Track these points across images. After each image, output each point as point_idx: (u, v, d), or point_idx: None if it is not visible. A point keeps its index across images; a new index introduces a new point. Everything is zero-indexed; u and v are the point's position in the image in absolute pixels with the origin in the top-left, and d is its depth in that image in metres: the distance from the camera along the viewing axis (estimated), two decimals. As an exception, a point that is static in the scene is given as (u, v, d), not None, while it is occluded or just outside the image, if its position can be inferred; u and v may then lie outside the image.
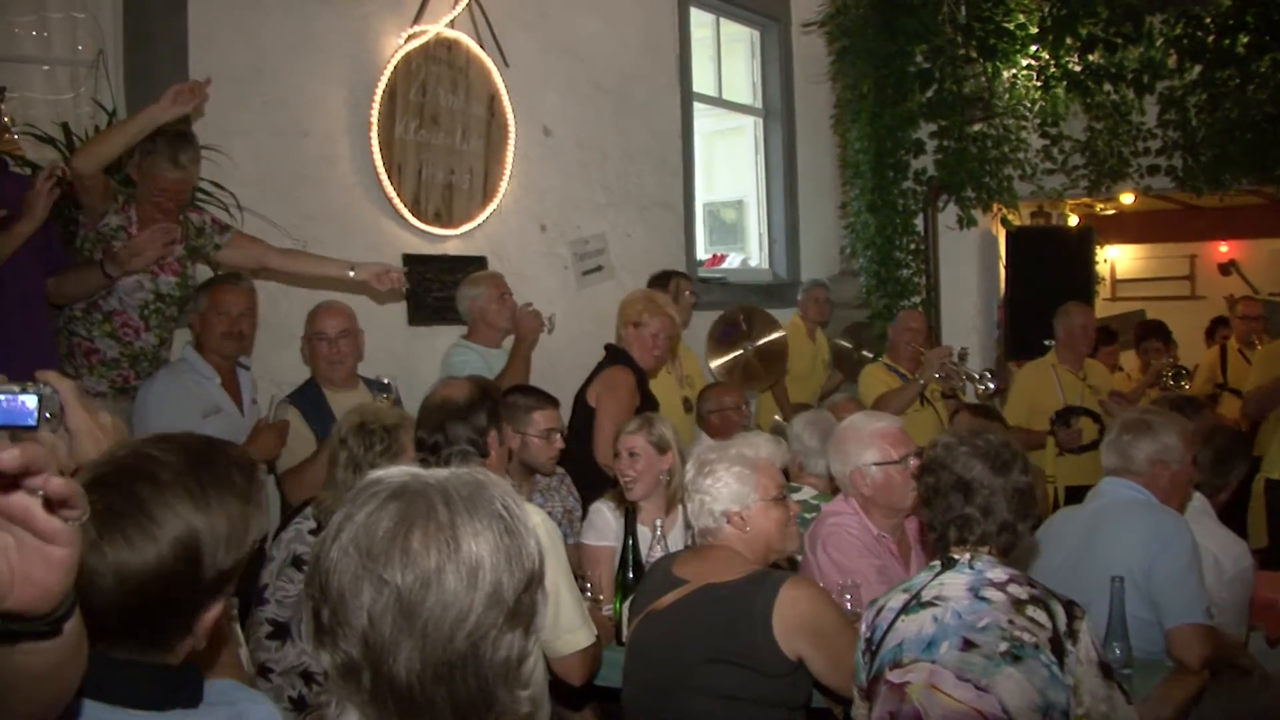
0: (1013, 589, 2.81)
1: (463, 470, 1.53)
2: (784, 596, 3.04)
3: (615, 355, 5.57)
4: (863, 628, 3.02)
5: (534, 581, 1.46)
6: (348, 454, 3.77)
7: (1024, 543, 3.12)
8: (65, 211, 4.82)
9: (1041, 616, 2.74)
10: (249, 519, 1.71)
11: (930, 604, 2.86)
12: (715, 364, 7.42)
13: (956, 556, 2.92)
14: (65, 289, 4.53)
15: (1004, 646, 2.70)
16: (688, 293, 6.87)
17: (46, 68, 5.56)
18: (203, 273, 5.00)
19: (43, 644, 1.22)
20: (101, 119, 5.20)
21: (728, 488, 3.27)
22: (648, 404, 5.45)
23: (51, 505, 1.09)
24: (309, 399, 4.94)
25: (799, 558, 4.11)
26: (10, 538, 1.09)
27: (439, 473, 1.51)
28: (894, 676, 2.84)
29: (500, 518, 1.45)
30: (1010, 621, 2.73)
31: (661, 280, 6.73)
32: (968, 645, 2.73)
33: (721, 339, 7.67)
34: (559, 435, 4.72)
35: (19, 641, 1.20)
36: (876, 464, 3.96)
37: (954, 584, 2.87)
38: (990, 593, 2.81)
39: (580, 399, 5.48)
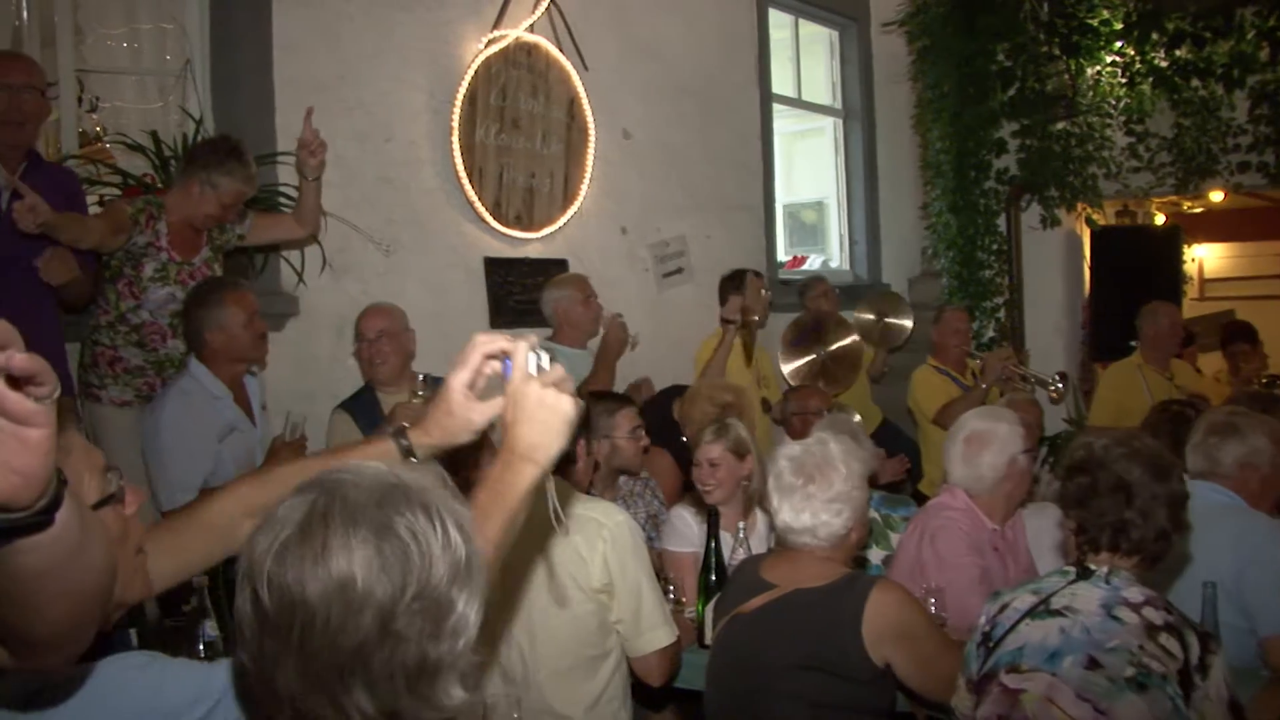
0: (1148, 612, 2.65)
1: (387, 474, 1.47)
2: (873, 601, 2.99)
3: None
4: (981, 619, 2.92)
5: (432, 587, 1.40)
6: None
7: (1174, 554, 2.99)
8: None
9: (1174, 646, 2.59)
10: None
11: (1059, 613, 2.73)
12: (787, 368, 7.34)
13: (1093, 567, 2.78)
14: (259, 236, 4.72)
15: (1130, 672, 2.56)
16: (763, 290, 6.77)
17: (136, 78, 5.62)
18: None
19: (38, 538, 1.17)
20: (189, 126, 5.24)
21: (846, 512, 3.17)
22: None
23: (17, 383, 1.04)
24: (364, 401, 4.88)
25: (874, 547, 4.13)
26: None
27: (358, 474, 1.46)
28: (1009, 680, 2.73)
29: (386, 528, 1.39)
30: (1141, 647, 2.58)
31: (735, 279, 6.63)
32: (1093, 664, 2.61)
33: (795, 343, 7.57)
34: (642, 432, 4.68)
35: (10, 539, 1.16)
36: (1025, 452, 3.92)
37: (1087, 597, 2.73)
38: (1124, 613, 2.66)
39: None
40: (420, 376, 4.70)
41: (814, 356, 7.29)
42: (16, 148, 4.20)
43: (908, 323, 8.08)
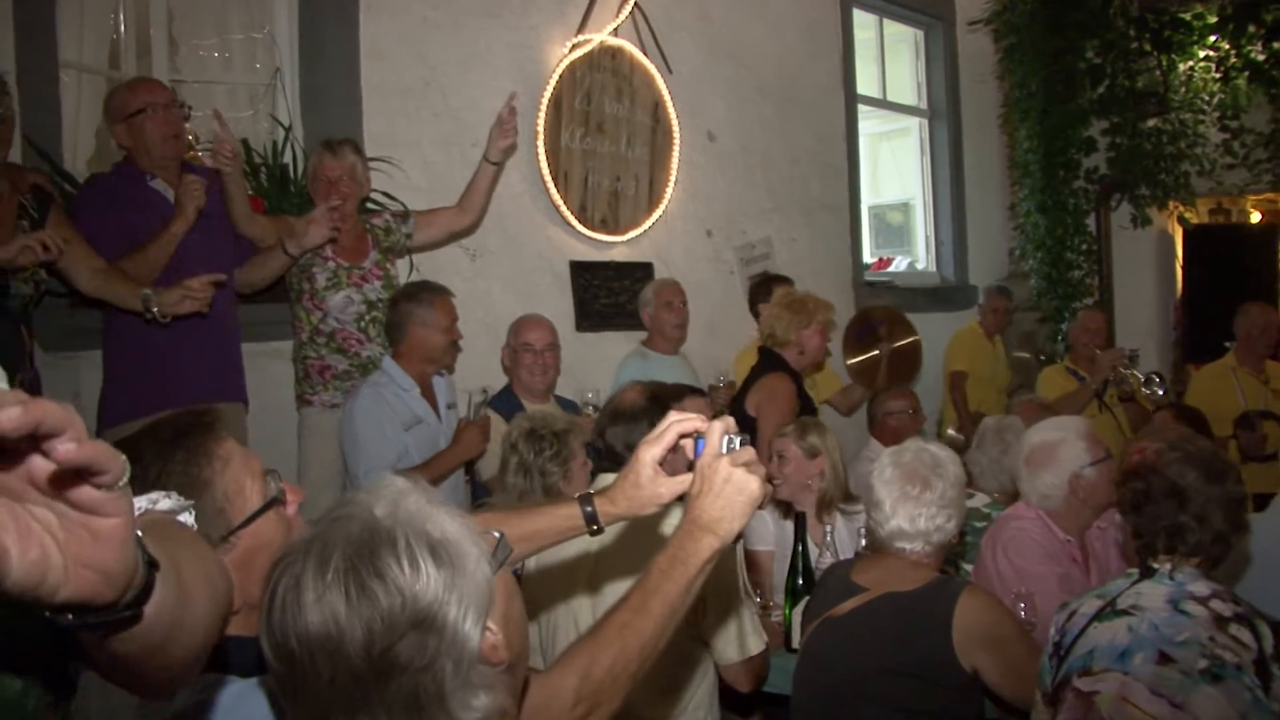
0: (1215, 604, 2.58)
1: (368, 511, 1.46)
2: (962, 605, 2.94)
3: (772, 361, 5.38)
4: (1051, 630, 2.85)
5: (408, 619, 1.39)
6: (518, 459, 3.81)
7: (1235, 555, 2.89)
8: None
9: (1246, 636, 2.51)
10: None
11: (1125, 613, 2.66)
12: (850, 362, 7.22)
13: (1156, 566, 2.71)
14: (251, 277, 4.61)
15: (1203, 664, 2.48)
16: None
17: (227, 87, 5.66)
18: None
19: (130, 631, 1.08)
20: (278, 134, 5.25)
21: (956, 516, 3.15)
22: (806, 407, 5.28)
23: (78, 475, 0.92)
24: (508, 406, 4.92)
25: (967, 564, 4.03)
26: (51, 515, 0.93)
27: (346, 515, 1.47)
28: (1082, 684, 2.65)
29: (352, 573, 1.39)
30: (1211, 639, 2.51)
31: (764, 287, 6.53)
32: (1164, 659, 2.53)
33: (858, 339, 7.45)
34: None
35: (99, 634, 1.06)
36: (1092, 464, 3.78)
37: (1152, 594, 2.66)
38: (1191, 606, 2.58)
39: (739, 407, 5.30)
40: (589, 393, 4.97)
41: (876, 352, 7.17)
42: (178, 160, 4.34)
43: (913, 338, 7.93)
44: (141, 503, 1.46)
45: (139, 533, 1.04)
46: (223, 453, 1.87)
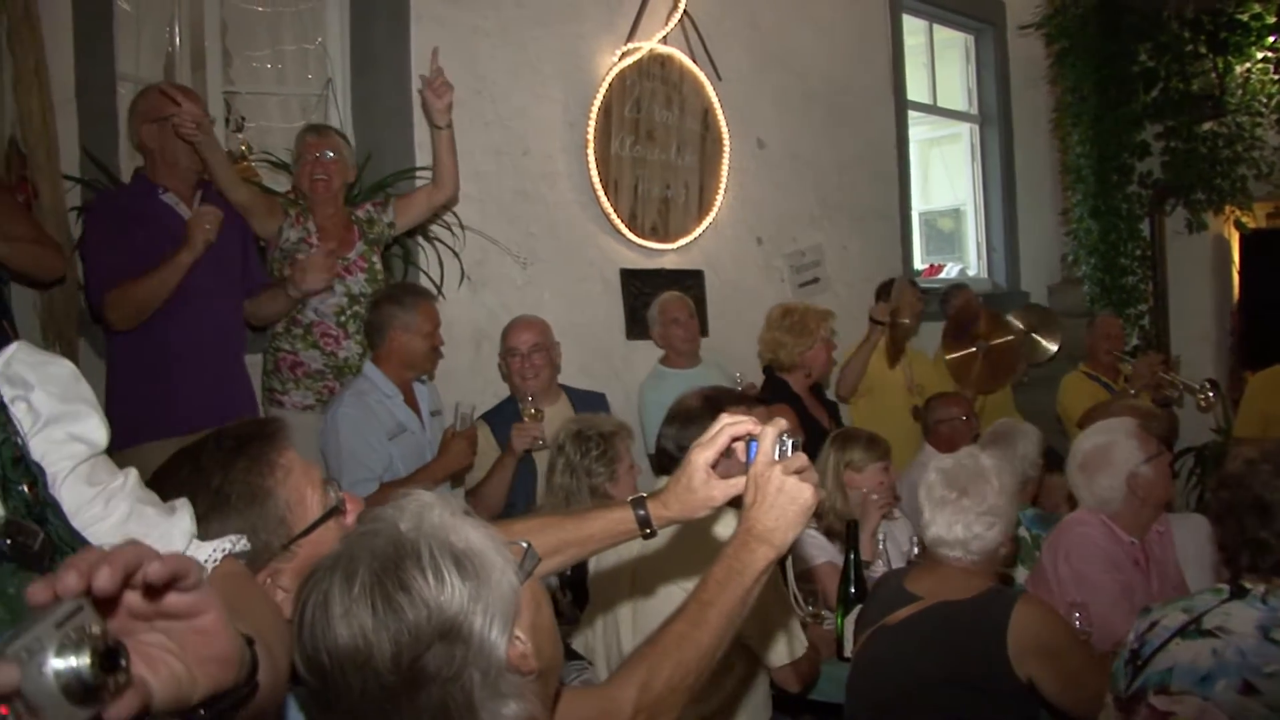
0: None
1: (393, 525, 1.48)
2: (1017, 615, 2.89)
3: (774, 388, 5.33)
4: (1130, 636, 2.75)
5: (435, 630, 1.41)
6: (565, 460, 3.80)
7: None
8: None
9: None
10: None
11: (1211, 634, 2.53)
12: (949, 358, 7.15)
13: (1249, 586, 2.57)
14: (259, 311, 4.52)
15: None
16: (916, 297, 6.63)
17: (280, 98, 5.70)
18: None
19: (250, 703, 1.17)
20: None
21: (999, 525, 3.09)
22: (814, 432, 5.21)
23: (163, 589, 0.99)
24: (505, 415, 4.80)
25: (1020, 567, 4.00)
26: (159, 635, 1.01)
27: (371, 529, 1.49)
28: (1158, 702, 2.55)
29: (377, 587, 1.42)
30: None
31: (886, 286, 6.51)
32: (1249, 689, 2.40)
33: (956, 335, 7.35)
34: None
35: (234, 715, 1.13)
36: (1146, 461, 3.72)
37: (1242, 617, 2.52)
38: None
39: None
40: (529, 396, 4.71)
41: (974, 349, 7.10)
42: (196, 173, 4.29)
43: (1052, 347, 7.77)
44: (202, 555, 1.53)
45: None
46: (284, 462, 1.89)
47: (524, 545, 1.56)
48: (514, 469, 4.51)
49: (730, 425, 1.96)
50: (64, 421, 1.37)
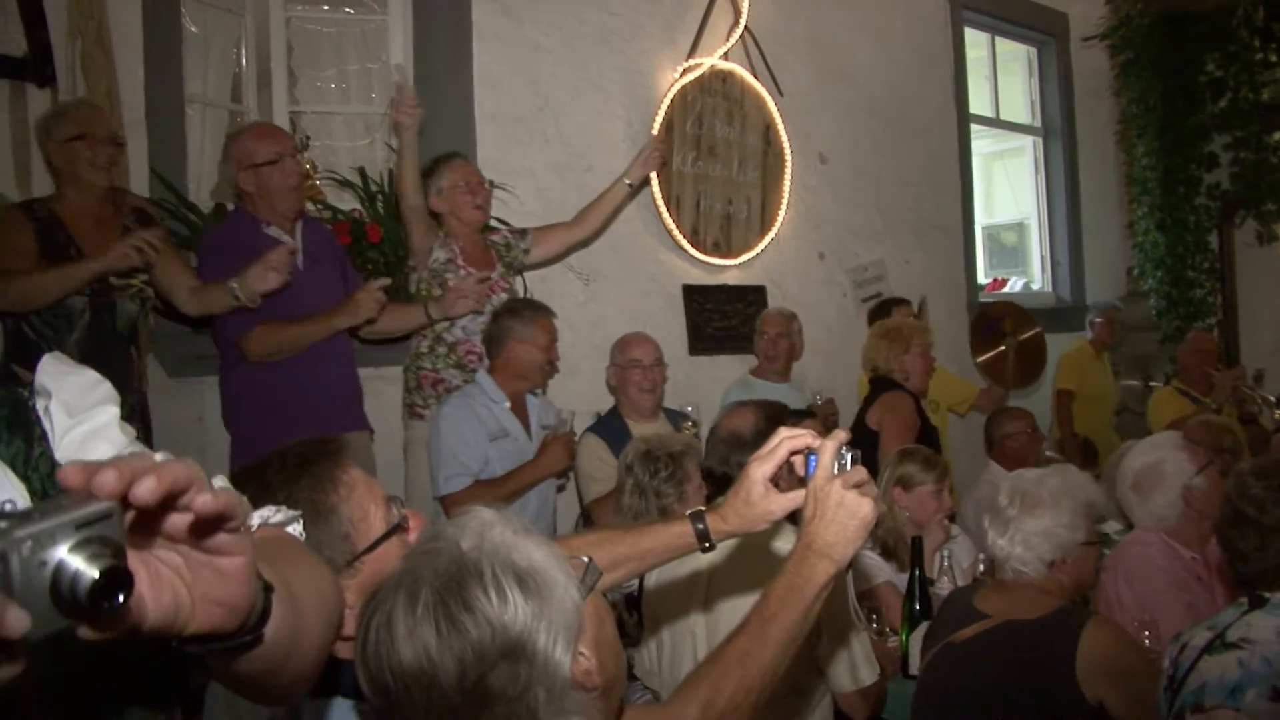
0: None
1: (453, 544, 1.48)
2: (1087, 636, 2.81)
3: (888, 382, 5.30)
4: (1165, 663, 2.73)
5: (500, 648, 1.41)
6: (634, 480, 3.76)
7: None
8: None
9: None
10: None
11: (1235, 646, 2.52)
12: (979, 360, 7.05)
13: (1267, 595, 2.57)
14: (386, 326, 4.59)
15: None
16: (912, 317, 6.54)
17: (344, 117, 5.73)
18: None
19: (252, 653, 1.11)
20: (394, 162, 5.28)
21: (1059, 534, 3.01)
22: (926, 432, 5.17)
23: (209, 522, 0.95)
24: (613, 428, 4.87)
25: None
26: (177, 557, 0.96)
27: (433, 550, 1.49)
28: (1196, 720, 2.51)
29: (441, 606, 1.42)
30: None
31: (882, 310, 6.49)
32: (1277, 695, 2.38)
33: (983, 336, 7.28)
34: None
35: (222, 659, 1.10)
36: (1198, 473, 3.67)
37: (1263, 625, 2.52)
38: None
39: (860, 423, 5.22)
40: (688, 407, 4.90)
41: (1003, 348, 7.01)
42: (295, 207, 4.35)
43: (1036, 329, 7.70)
44: (253, 519, 1.48)
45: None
46: (347, 479, 1.91)
47: (585, 560, 1.55)
48: None
49: (789, 438, 1.94)
50: (83, 422, 1.36)
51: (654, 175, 5.95)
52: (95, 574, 0.80)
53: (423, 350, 4.71)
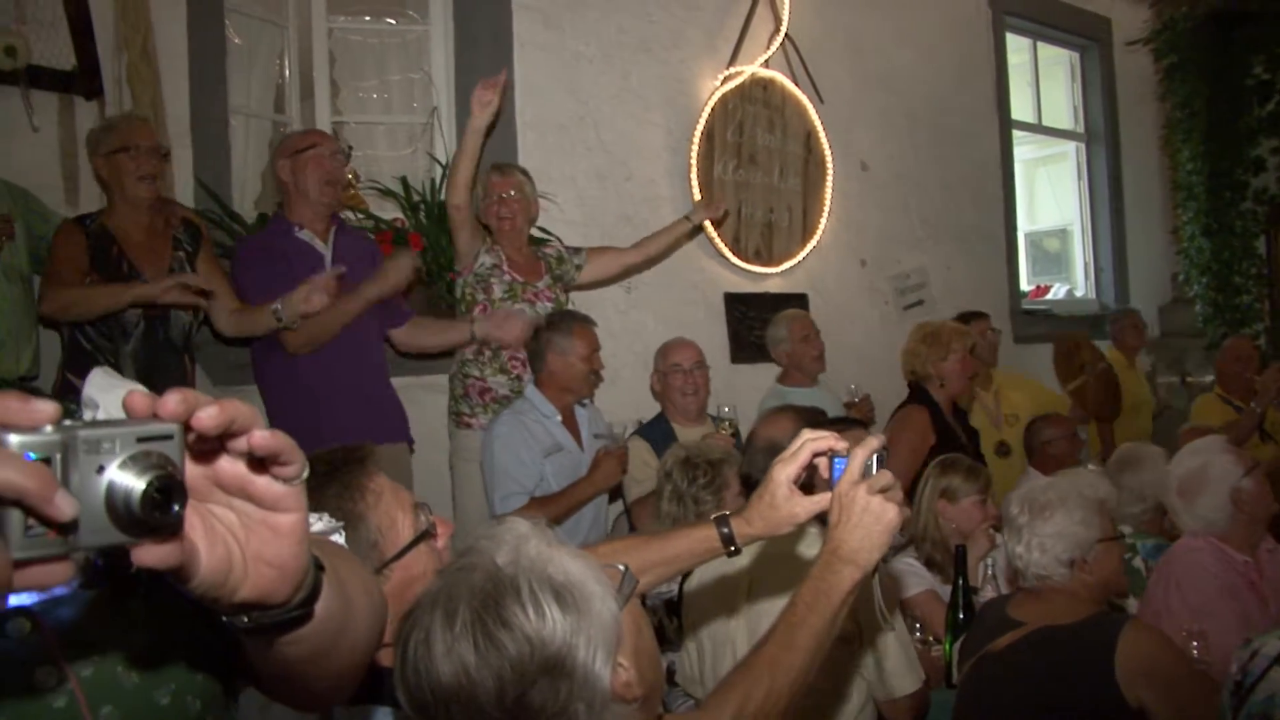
0: None
1: (489, 559, 1.48)
2: (1126, 639, 2.76)
3: (915, 394, 5.25)
4: (1233, 667, 2.64)
5: (540, 662, 1.41)
6: (672, 487, 3.74)
7: None
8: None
9: None
10: None
11: None
12: (1068, 389, 6.97)
13: None
14: (422, 340, 4.64)
15: None
16: (990, 331, 6.48)
17: (387, 127, 5.76)
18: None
19: (300, 631, 1.09)
20: (436, 171, 5.30)
21: (1072, 533, 2.97)
22: (950, 441, 5.10)
23: (263, 465, 0.94)
24: (660, 432, 4.87)
25: (1131, 599, 3.82)
26: (232, 514, 0.96)
27: (468, 564, 1.49)
28: (1263, 732, 2.44)
29: (478, 623, 1.42)
30: None
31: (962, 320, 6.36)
32: None
33: (1067, 364, 7.18)
34: None
35: (271, 635, 1.08)
36: (1245, 475, 3.61)
37: None
38: None
39: None
40: (724, 408, 4.85)
41: (1085, 378, 6.93)
42: (329, 208, 4.36)
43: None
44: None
45: None
46: (374, 487, 1.92)
47: (621, 569, 1.54)
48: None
49: (812, 440, 1.94)
50: None
51: (695, 182, 5.94)
52: (148, 482, 0.82)
53: (468, 357, 4.69)
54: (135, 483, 0.81)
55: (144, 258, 4.00)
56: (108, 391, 1.36)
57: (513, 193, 4.72)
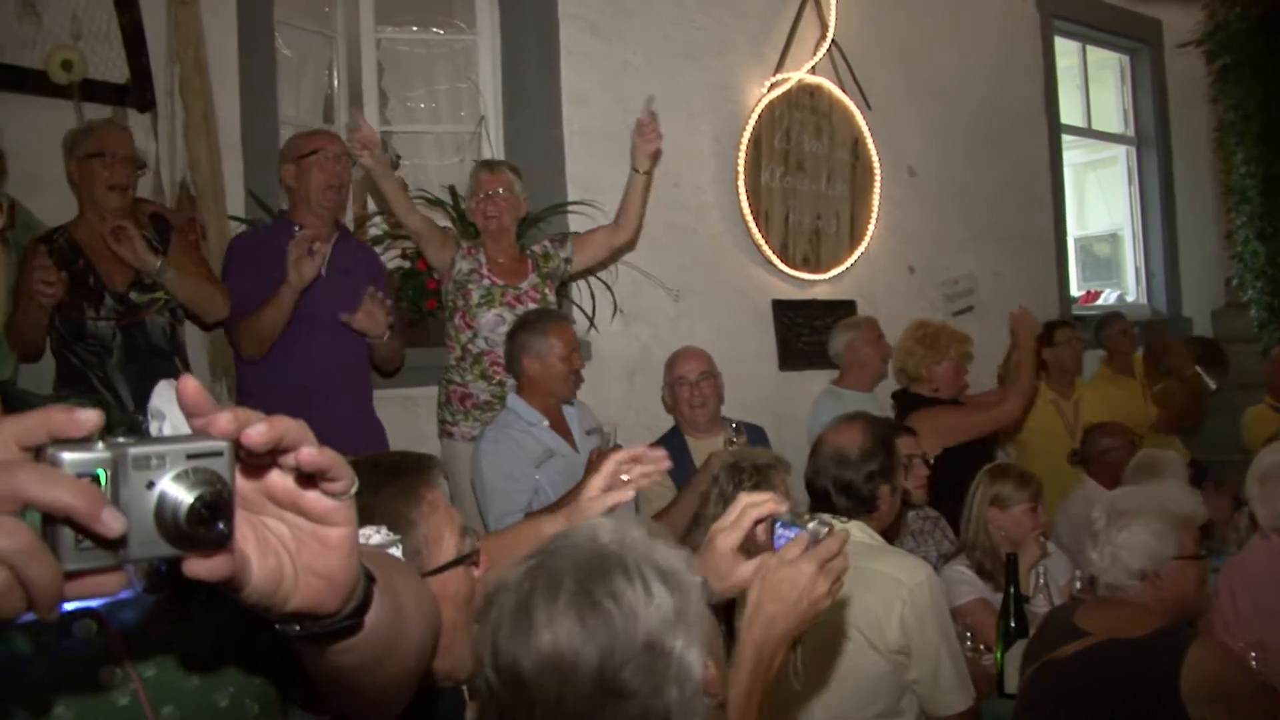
0: None
1: (591, 538, 1.48)
2: (1193, 656, 2.71)
3: (905, 404, 5.25)
4: None
5: (640, 644, 1.40)
6: (718, 491, 3.67)
7: None
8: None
9: None
10: None
11: None
12: (1156, 389, 6.88)
13: None
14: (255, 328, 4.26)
15: None
16: (1076, 339, 6.45)
17: (434, 136, 5.78)
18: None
19: (350, 641, 1.09)
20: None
21: (1144, 545, 2.91)
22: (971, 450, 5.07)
23: (312, 480, 0.95)
24: (673, 446, 4.69)
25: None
26: (283, 526, 0.98)
27: (568, 541, 1.49)
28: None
29: (584, 595, 1.41)
30: None
31: (1046, 333, 6.32)
32: None
33: (1155, 366, 7.08)
34: (920, 460, 4.41)
35: (323, 643, 1.08)
36: None
37: None
38: None
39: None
40: (733, 424, 4.60)
41: (1171, 381, 6.83)
42: (332, 213, 4.35)
43: (1211, 385, 7.39)
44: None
45: None
46: (431, 498, 1.91)
47: (700, 579, 1.53)
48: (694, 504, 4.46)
49: (751, 506, 1.93)
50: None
51: (742, 190, 5.91)
52: (198, 496, 0.84)
53: (450, 364, 4.62)
54: (184, 498, 0.84)
55: (111, 267, 3.90)
56: (174, 403, 1.36)
57: (500, 190, 4.59)
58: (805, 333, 6.15)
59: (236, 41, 4.66)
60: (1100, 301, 8.65)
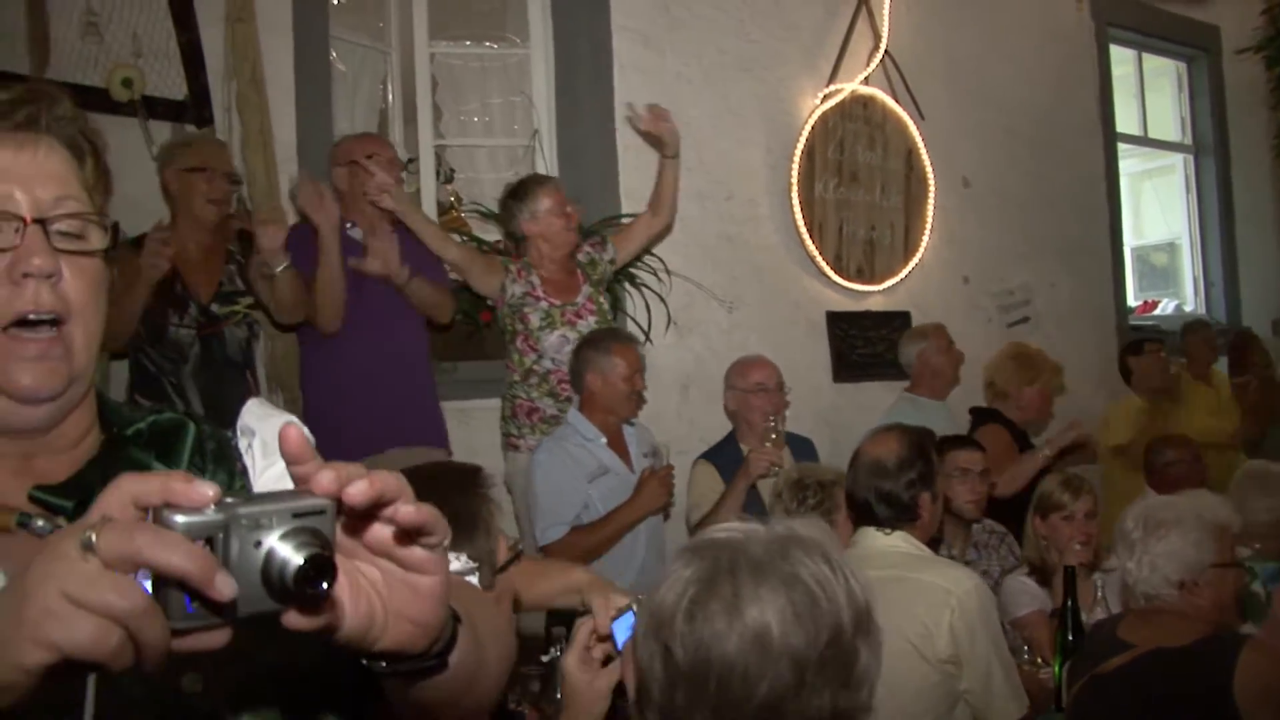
0: None
1: (779, 527, 1.49)
2: (1246, 661, 2.66)
3: (980, 417, 5.15)
4: None
5: (841, 635, 1.41)
6: (782, 508, 3.71)
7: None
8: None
9: None
10: None
11: None
12: (1234, 381, 6.78)
13: None
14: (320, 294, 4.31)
15: None
16: (1161, 356, 6.38)
17: (488, 149, 5.79)
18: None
19: (435, 679, 1.11)
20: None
21: (1183, 554, 2.88)
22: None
23: (408, 534, 0.96)
24: (727, 455, 4.72)
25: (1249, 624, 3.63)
26: (377, 571, 0.99)
27: (750, 532, 1.49)
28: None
29: (794, 579, 1.41)
30: None
31: (1134, 348, 6.31)
32: None
33: (1236, 362, 6.98)
34: (976, 475, 4.36)
35: (408, 681, 1.11)
36: None
37: None
38: None
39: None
40: (770, 419, 4.60)
41: (1249, 378, 6.73)
42: (382, 215, 4.36)
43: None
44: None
45: None
46: (492, 505, 2.05)
47: None
48: (743, 497, 4.42)
49: (584, 624, 2.01)
50: (276, 463, 1.37)
51: (796, 201, 5.88)
52: (302, 559, 0.85)
53: (515, 379, 4.61)
54: (292, 558, 0.85)
55: (198, 277, 4.06)
56: (264, 420, 1.39)
57: (570, 208, 4.64)
58: (860, 344, 6.11)
59: (292, 57, 4.70)
60: (1158, 311, 8.52)
